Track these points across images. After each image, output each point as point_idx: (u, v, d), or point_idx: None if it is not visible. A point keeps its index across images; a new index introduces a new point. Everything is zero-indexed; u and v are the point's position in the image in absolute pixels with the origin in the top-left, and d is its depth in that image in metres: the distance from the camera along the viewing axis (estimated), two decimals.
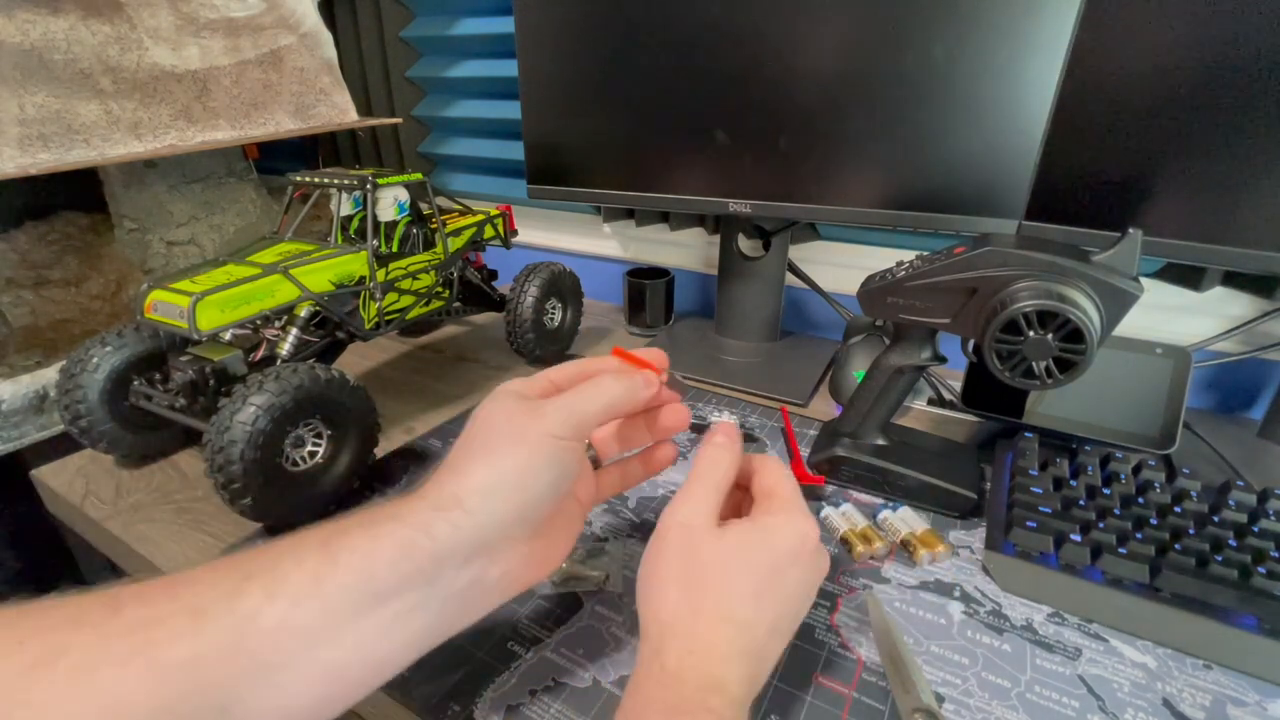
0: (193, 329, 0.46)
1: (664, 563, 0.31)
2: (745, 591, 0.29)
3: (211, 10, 0.72)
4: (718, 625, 0.28)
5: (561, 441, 0.30)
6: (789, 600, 0.31)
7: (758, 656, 0.29)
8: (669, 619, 0.29)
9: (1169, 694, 0.34)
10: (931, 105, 0.54)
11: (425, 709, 0.34)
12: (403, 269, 0.60)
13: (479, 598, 0.30)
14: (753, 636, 0.29)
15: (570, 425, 0.31)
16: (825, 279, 0.77)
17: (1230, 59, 0.44)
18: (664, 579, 0.30)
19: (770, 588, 0.30)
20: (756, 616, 0.29)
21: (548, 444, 0.30)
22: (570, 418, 0.31)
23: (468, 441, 0.31)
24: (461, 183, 1.04)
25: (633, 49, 0.64)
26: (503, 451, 0.29)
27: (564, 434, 0.30)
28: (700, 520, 0.31)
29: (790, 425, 0.59)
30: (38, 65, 0.62)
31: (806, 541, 0.31)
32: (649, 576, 0.31)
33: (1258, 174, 0.45)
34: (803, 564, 0.31)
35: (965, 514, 0.47)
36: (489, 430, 0.31)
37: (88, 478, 0.55)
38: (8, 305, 0.74)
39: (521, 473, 0.29)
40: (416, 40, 0.97)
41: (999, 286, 0.40)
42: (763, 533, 0.31)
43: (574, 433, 0.31)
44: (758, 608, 0.29)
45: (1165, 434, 0.49)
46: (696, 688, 0.26)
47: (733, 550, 0.30)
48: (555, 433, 0.30)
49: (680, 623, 0.29)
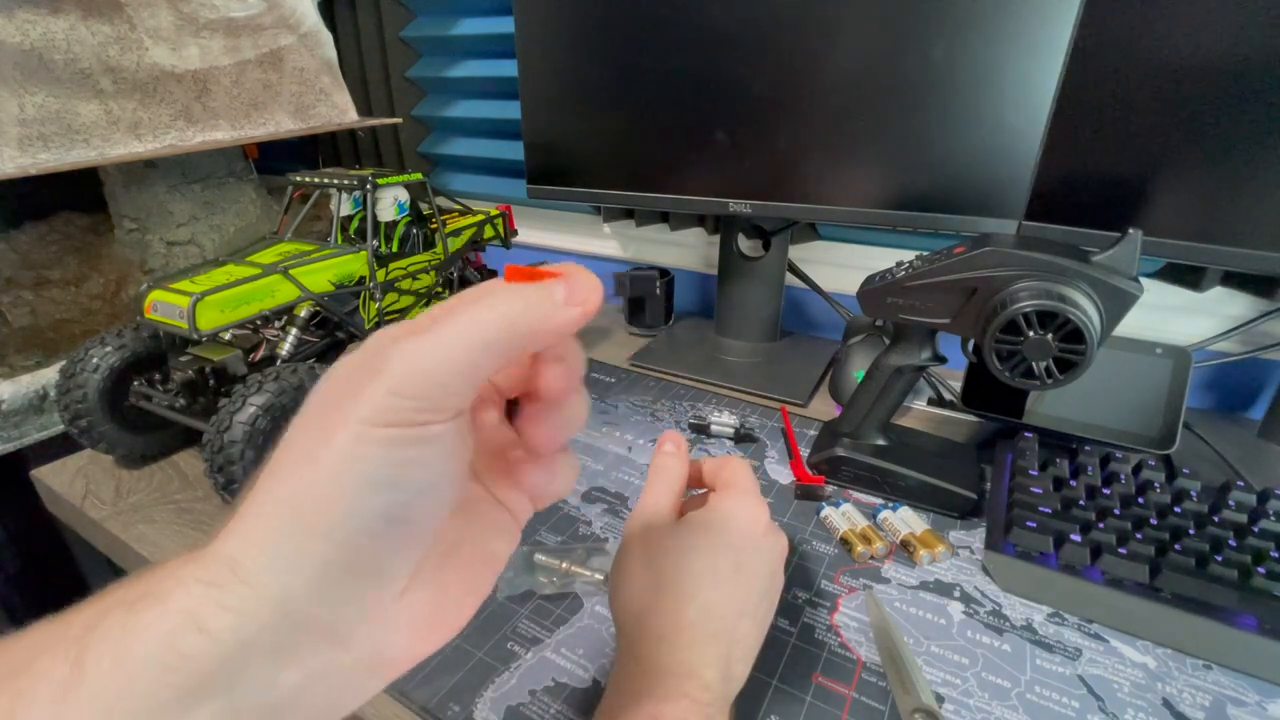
0: (193, 329, 0.46)
1: (629, 559, 0.32)
2: (702, 571, 0.31)
3: (211, 10, 0.72)
4: (682, 608, 0.29)
5: (387, 431, 0.17)
6: (750, 579, 0.32)
7: (728, 639, 0.29)
8: (638, 609, 0.30)
9: (1169, 694, 0.34)
10: (931, 105, 0.54)
11: (425, 709, 0.34)
12: (403, 269, 0.60)
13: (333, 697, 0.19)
14: (719, 618, 0.30)
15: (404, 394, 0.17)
16: (825, 279, 0.77)
17: (1230, 59, 0.44)
18: (630, 574, 0.32)
19: (728, 568, 0.31)
20: (718, 596, 0.30)
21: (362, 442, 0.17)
22: (404, 379, 0.17)
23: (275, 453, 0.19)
24: (461, 183, 1.04)
25: (633, 49, 0.64)
26: (290, 469, 0.18)
27: (393, 415, 0.17)
28: (656, 516, 0.34)
29: (790, 425, 0.59)
30: (38, 65, 0.62)
31: (757, 523, 0.34)
32: (617, 576, 0.33)
33: (1258, 174, 0.45)
34: (757, 543, 0.33)
35: (965, 514, 0.47)
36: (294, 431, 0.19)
37: (88, 478, 0.55)
38: (8, 305, 0.73)
39: (318, 505, 0.17)
40: (416, 40, 0.97)
41: (999, 286, 0.40)
42: (714, 517, 0.33)
43: (416, 407, 0.17)
44: (717, 587, 0.30)
45: (1165, 434, 0.49)
46: (669, 674, 0.27)
47: (687, 536, 0.32)
48: (374, 416, 0.17)
49: (648, 612, 0.30)
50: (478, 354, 0.18)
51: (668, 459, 0.37)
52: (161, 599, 0.17)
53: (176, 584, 0.17)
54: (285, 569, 0.17)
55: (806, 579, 0.42)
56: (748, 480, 0.36)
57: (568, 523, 0.48)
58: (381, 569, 0.18)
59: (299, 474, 0.18)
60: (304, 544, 0.17)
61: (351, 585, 0.18)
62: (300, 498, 0.17)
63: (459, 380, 0.18)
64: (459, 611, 0.22)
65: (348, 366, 0.18)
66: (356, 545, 0.17)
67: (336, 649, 0.18)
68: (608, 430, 0.60)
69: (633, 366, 0.74)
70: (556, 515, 0.48)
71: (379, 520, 0.17)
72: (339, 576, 0.17)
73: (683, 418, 0.62)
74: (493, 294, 0.18)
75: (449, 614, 0.21)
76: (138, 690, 0.16)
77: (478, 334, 0.17)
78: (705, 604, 0.30)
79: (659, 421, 0.62)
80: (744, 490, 0.35)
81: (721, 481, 0.36)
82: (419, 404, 0.17)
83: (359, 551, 0.17)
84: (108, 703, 0.16)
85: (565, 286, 0.19)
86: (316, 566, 0.17)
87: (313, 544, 0.17)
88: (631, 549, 0.33)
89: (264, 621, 0.17)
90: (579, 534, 0.47)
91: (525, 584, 0.41)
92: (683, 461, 0.37)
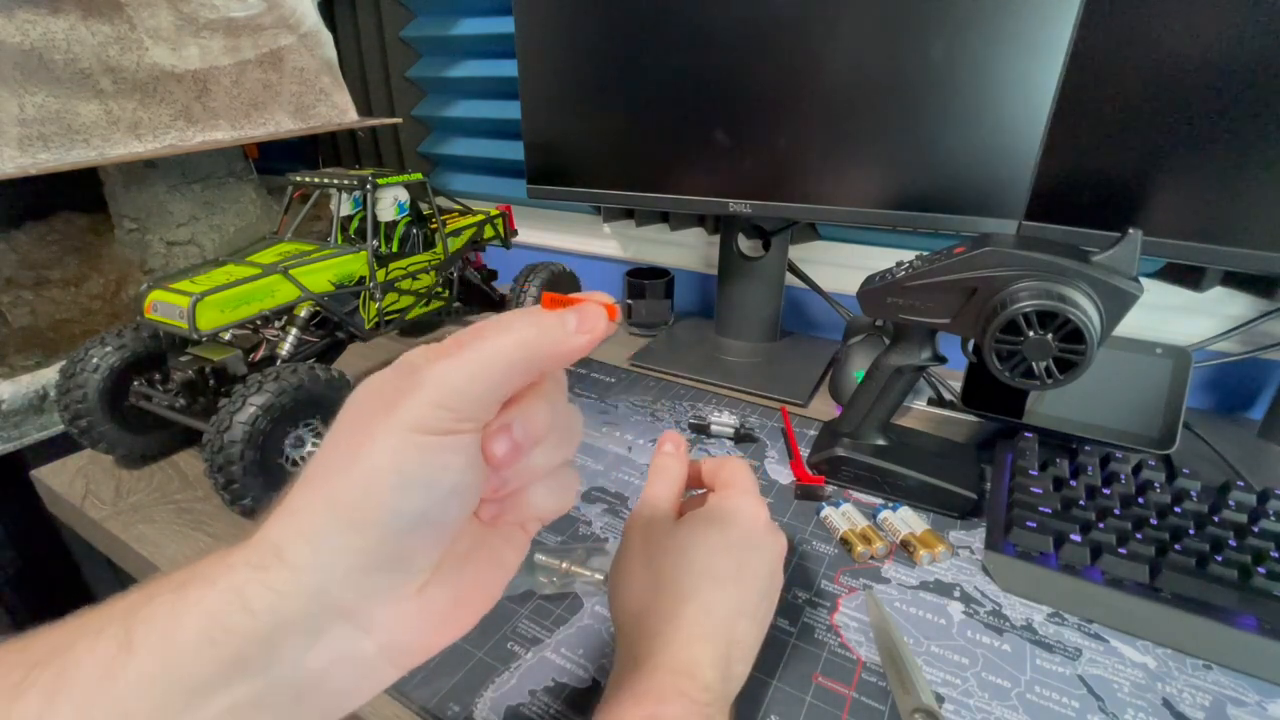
0: (193, 329, 0.46)
1: (628, 559, 0.33)
2: (702, 570, 0.31)
3: (211, 10, 0.72)
4: (681, 606, 0.30)
5: (426, 439, 0.20)
6: (750, 579, 0.32)
7: (726, 639, 0.29)
8: (637, 609, 0.30)
9: (1169, 694, 0.34)
10: (931, 105, 0.54)
11: (425, 709, 0.34)
12: (403, 269, 0.60)
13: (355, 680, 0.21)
14: (718, 616, 0.30)
15: (443, 406, 0.20)
16: (825, 279, 0.77)
17: (1230, 59, 0.44)
18: (630, 574, 0.32)
19: (727, 567, 0.31)
20: (718, 596, 0.30)
21: (404, 446, 0.20)
22: (442, 392, 0.20)
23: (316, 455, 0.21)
24: (461, 183, 1.04)
25: (633, 49, 0.64)
26: (338, 469, 0.20)
27: (433, 424, 0.20)
28: (655, 516, 0.34)
29: (790, 425, 0.59)
30: (38, 65, 0.62)
31: (756, 521, 0.34)
32: (616, 576, 0.33)
33: (1258, 174, 0.45)
34: (756, 543, 0.33)
35: (965, 514, 0.47)
36: (333, 436, 0.21)
37: (88, 478, 0.55)
38: (8, 305, 0.73)
39: (361, 500, 0.19)
40: (416, 40, 0.97)
41: (999, 286, 0.40)
42: (713, 516, 0.33)
43: (451, 419, 0.20)
44: (716, 585, 0.31)
45: (1165, 434, 0.49)
46: (668, 672, 0.27)
47: (686, 535, 0.32)
48: (416, 424, 0.20)
49: (647, 611, 0.30)
50: (501, 373, 0.21)
51: (667, 459, 0.37)
52: (211, 580, 0.19)
53: (226, 569, 0.19)
54: (325, 557, 0.19)
55: (806, 579, 0.42)
56: (747, 480, 0.36)
57: (568, 523, 0.48)
58: (408, 564, 0.21)
59: (343, 472, 0.20)
60: (343, 535, 0.19)
61: (381, 576, 0.20)
62: (341, 494, 0.20)
63: (488, 395, 0.21)
64: (470, 611, 0.24)
65: (381, 381, 0.21)
66: (389, 539, 0.20)
67: (360, 635, 0.20)
68: (608, 430, 0.60)
69: (633, 366, 0.74)
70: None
71: (412, 518, 0.20)
72: (371, 567, 0.20)
73: (683, 418, 0.62)
74: (514, 320, 0.21)
75: (462, 612, 0.23)
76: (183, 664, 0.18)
77: (503, 355, 0.20)
78: (705, 603, 0.30)
79: (659, 421, 0.62)
80: (743, 490, 0.35)
81: (721, 481, 0.36)
82: (454, 414, 0.20)
83: (391, 545, 0.20)
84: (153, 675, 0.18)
85: (576, 316, 0.22)
86: (353, 556, 0.19)
87: (351, 536, 0.19)
88: (631, 549, 0.33)
89: (301, 603, 0.19)
90: (579, 534, 0.47)
91: (525, 584, 0.41)
92: (682, 462, 0.37)
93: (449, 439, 0.20)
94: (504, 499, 0.24)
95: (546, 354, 0.21)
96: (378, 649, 0.21)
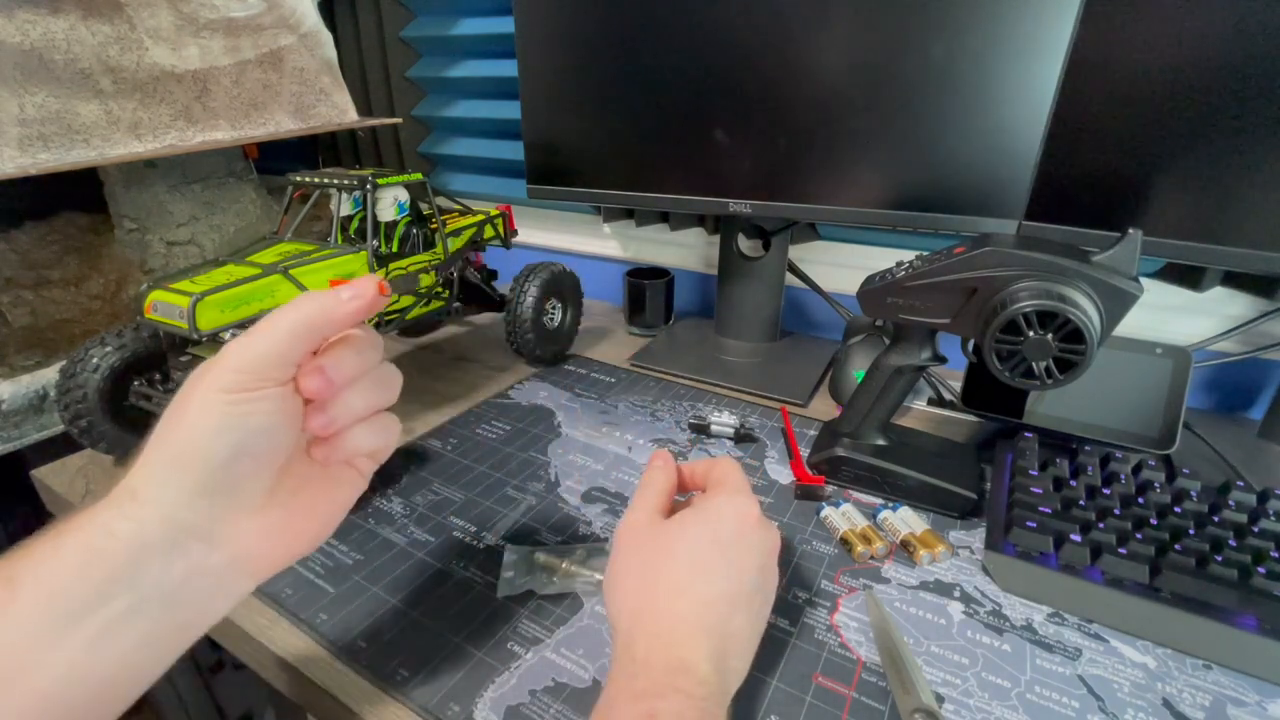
0: (193, 329, 0.46)
1: (621, 560, 0.34)
2: (694, 565, 0.31)
3: (211, 10, 0.72)
4: (674, 601, 0.30)
5: (229, 395, 0.26)
6: (742, 572, 0.32)
7: (720, 633, 0.30)
8: (633, 608, 0.31)
9: (1169, 694, 0.34)
10: (931, 105, 0.54)
11: (425, 709, 0.34)
12: (403, 269, 0.60)
13: (212, 589, 0.27)
14: (712, 611, 0.30)
15: (240, 371, 0.26)
16: (825, 279, 0.77)
17: (1230, 59, 0.44)
18: (623, 574, 0.33)
19: (719, 561, 0.32)
20: (710, 590, 0.31)
21: (213, 403, 0.26)
22: (239, 360, 0.26)
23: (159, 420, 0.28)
24: (461, 183, 1.04)
25: (633, 49, 0.64)
26: (170, 425, 0.26)
27: (233, 384, 0.26)
28: (644, 517, 0.35)
29: (790, 425, 0.59)
30: (38, 65, 0.62)
31: (745, 517, 0.34)
32: (610, 578, 0.34)
33: (1257, 174, 0.45)
34: (746, 537, 0.33)
35: (965, 514, 0.47)
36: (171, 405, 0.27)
37: (88, 478, 0.55)
38: (8, 305, 0.73)
39: (187, 444, 0.26)
40: (416, 40, 0.97)
41: (999, 286, 0.40)
42: (702, 512, 0.34)
43: (249, 379, 0.26)
44: (709, 580, 0.31)
45: (1165, 434, 0.49)
46: (664, 670, 0.27)
47: (676, 532, 0.33)
48: (220, 385, 0.26)
49: (641, 610, 0.30)
50: (285, 340, 0.27)
51: (655, 472, 0.38)
52: (81, 524, 0.25)
53: (92, 513, 0.25)
54: (168, 491, 0.26)
55: (806, 579, 0.42)
56: (736, 478, 0.37)
57: (568, 523, 0.48)
58: (237, 489, 0.27)
59: (174, 428, 0.26)
60: (178, 472, 0.26)
61: (216, 499, 0.26)
62: (173, 443, 0.26)
63: (281, 358, 0.27)
64: (308, 531, 0.30)
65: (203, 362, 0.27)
66: (215, 471, 0.26)
67: (209, 549, 0.27)
68: (608, 430, 0.60)
69: (633, 366, 0.74)
70: (556, 515, 0.48)
71: (227, 454, 0.26)
72: (205, 493, 0.26)
73: (683, 418, 0.62)
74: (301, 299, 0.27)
75: (299, 530, 0.30)
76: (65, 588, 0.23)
77: (285, 326, 0.27)
78: (697, 598, 0.30)
79: (659, 421, 0.62)
80: (733, 488, 0.36)
81: (711, 481, 0.37)
82: (251, 375, 0.26)
83: (218, 476, 0.26)
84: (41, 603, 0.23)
85: (351, 288, 0.28)
86: (189, 486, 0.26)
87: (183, 472, 0.26)
88: (623, 552, 0.34)
89: (155, 527, 0.25)
90: (579, 534, 0.47)
91: (525, 584, 0.41)
92: (669, 472, 0.38)
93: (251, 394, 0.26)
94: (332, 440, 0.29)
95: (326, 320, 0.27)
96: (227, 560, 0.27)
